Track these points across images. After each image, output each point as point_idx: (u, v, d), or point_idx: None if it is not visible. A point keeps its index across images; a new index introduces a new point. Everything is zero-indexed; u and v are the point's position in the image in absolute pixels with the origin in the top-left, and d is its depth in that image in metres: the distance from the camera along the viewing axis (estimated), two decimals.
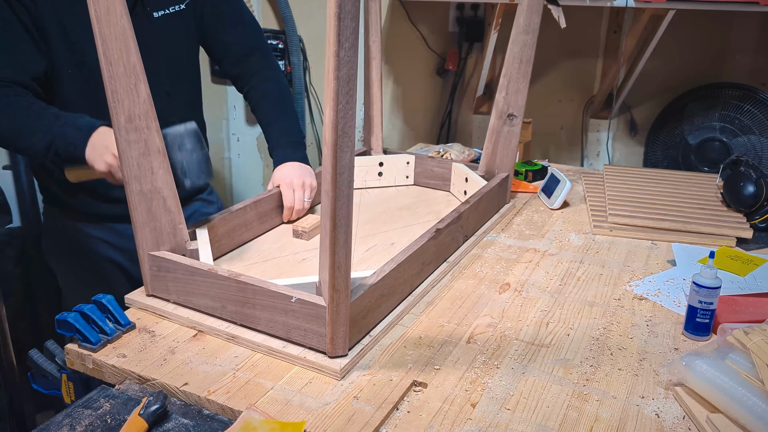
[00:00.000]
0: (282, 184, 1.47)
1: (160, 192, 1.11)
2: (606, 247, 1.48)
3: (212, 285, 1.09)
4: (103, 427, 0.91)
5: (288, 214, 1.48)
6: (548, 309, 1.20)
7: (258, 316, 1.06)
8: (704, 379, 0.92)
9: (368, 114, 1.79)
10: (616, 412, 0.93)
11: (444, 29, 2.73)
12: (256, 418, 0.88)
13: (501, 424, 0.90)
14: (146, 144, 1.08)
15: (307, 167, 1.53)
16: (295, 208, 1.48)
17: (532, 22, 1.52)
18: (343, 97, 0.85)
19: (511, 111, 1.60)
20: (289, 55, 2.95)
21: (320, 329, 1.00)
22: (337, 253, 0.93)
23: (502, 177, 1.62)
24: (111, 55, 1.01)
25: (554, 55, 2.62)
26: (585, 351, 1.08)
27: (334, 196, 0.90)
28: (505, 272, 1.34)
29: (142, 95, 1.05)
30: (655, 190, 1.73)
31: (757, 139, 2.31)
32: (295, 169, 1.50)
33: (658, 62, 2.46)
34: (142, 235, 1.12)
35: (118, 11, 1.00)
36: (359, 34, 0.86)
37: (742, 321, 1.12)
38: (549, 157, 2.76)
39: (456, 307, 1.21)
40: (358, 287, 1.05)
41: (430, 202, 1.69)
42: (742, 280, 1.28)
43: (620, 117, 2.64)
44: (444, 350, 1.07)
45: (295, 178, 1.48)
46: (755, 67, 2.40)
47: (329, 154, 0.89)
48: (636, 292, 1.27)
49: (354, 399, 0.94)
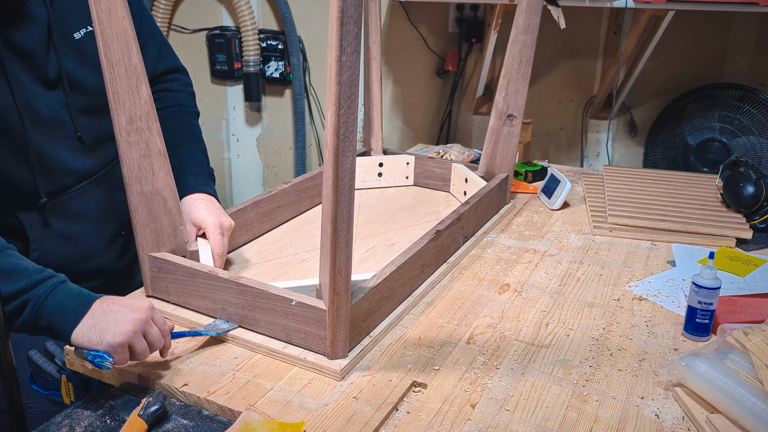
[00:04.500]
0: (209, 228, 1.23)
1: (161, 193, 1.11)
2: (606, 248, 1.48)
3: (212, 287, 1.09)
4: (102, 427, 0.91)
5: (221, 262, 1.22)
6: (548, 309, 1.21)
7: (258, 319, 1.06)
8: (704, 380, 0.92)
9: (368, 114, 1.79)
10: (616, 413, 0.93)
11: (444, 30, 2.74)
12: (256, 418, 0.88)
13: (501, 425, 0.90)
14: (147, 145, 1.08)
15: (220, 206, 1.30)
16: (224, 255, 1.25)
17: (532, 23, 1.52)
18: (345, 101, 0.85)
19: (511, 111, 1.60)
20: (289, 56, 2.96)
21: (320, 332, 1.00)
22: (338, 257, 0.93)
23: (502, 177, 1.62)
24: (113, 57, 1.02)
25: (554, 55, 2.62)
26: (585, 351, 1.08)
27: (335, 200, 0.90)
28: (504, 273, 1.34)
29: (143, 96, 1.05)
30: (655, 190, 1.73)
31: (756, 140, 2.32)
32: (215, 209, 1.27)
33: (657, 63, 2.46)
34: (143, 237, 1.13)
35: (120, 13, 1.00)
36: (360, 39, 0.87)
37: (741, 321, 1.13)
38: (549, 158, 2.76)
39: (456, 307, 1.21)
40: (358, 290, 1.05)
41: (430, 203, 1.70)
42: (741, 280, 1.28)
43: (620, 117, 2.65)
44: (444, 351, 1.07)
45: (223, 221, 1.25)
46: (755, 68, 2.40)
47: (331, 158, 0.89)
48: (636, 293, 1.27)
49: (353, 399, 0.95)
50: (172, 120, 1.37)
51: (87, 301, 0.95)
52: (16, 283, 0.93)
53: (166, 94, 1.40)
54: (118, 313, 0.94)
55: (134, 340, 0.93)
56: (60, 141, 1.20)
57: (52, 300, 0.94)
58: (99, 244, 1.32)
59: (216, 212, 1.25)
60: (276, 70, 3.00)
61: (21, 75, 1.13)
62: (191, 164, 1.32)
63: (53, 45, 1.16)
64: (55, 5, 1.15)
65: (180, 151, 1.32)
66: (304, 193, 1.58)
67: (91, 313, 0.94)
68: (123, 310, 0.94)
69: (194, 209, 1.25)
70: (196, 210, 1.25)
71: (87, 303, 0.95)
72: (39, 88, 1.15)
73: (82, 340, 0.92)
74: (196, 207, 1.25)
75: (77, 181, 1.25)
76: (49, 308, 0.93)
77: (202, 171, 1.33)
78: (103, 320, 0.93)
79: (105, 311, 0.94)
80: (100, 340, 0.91)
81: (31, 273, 0.95)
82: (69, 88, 1.19)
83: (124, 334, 0.92)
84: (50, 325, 0.93)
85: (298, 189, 1.56)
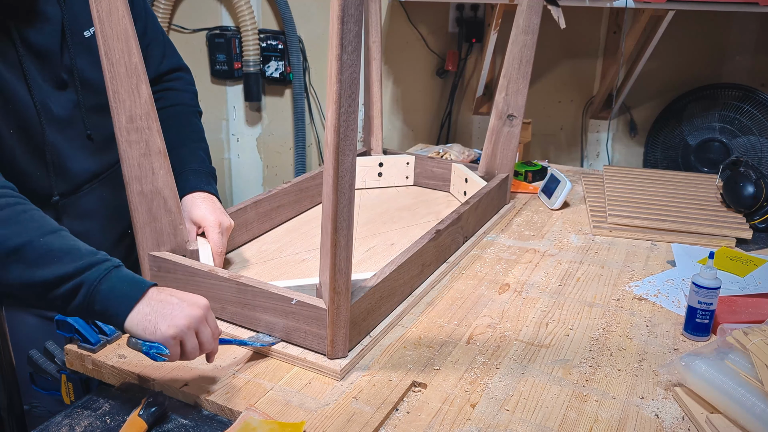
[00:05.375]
0: (208, 227, 1.23)
1: (161, 192, 1.11)
2: (606, 248, 1.48)
3: (212, 286, 1.09)
4: (102, 427, 0.91)
5: (220, 261, 1.22)
6: (548, 309, 1.21)
7: (258, 318, 1.06)
8: (704, 380, 0.92)
9: (368, 114, 1.79)
10: (616, 413, 0.93)
11: (444, 30, 2.74)
12: (256, 418, 0.88)
13: (500, 425, 0.90)
14: (147, 144, 1.08)
15: (220, 205, 1.30)
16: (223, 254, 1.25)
17: (532, 23, 1.52)
18: (345, 100, 0.85)
19: (511, 111, 1.60)
20: (289, 56, 2.96)
21: (320, 331, 1.00)
22: (338, 256, 0.93)
23: (502, 177, 1.62)
24: (113, 56, 1.02)
25: (554, 55, 2.63)
26: (584, 351, 1.08)
27: (336, 199, 0.90)
28: (504, 273, 1.34)
29: (144, 96, 1.05)
30: (655, 190, 1.73)
31: (756, 140, 2.32)
32: (215, 208, 1.27)
33: (657, 63, 2.46)
34: (143, 236, 1.13)
35: (120, 12, 1.00)
36: (361, 37, 0.86)
37: (741, 321, 1.13)
38: (549, 158, 2.76)
39: (456, 307, 1.21)
40: (358, 289, 1.05)
41: (430, 203, 1.69)
42: (741, 280, 1.28)
43: (620, 117, 2.65)
44: (443, 351, 1.07)
45: (223, 220, 1.25)
46: (755, 68, 2.40)
47: (331, 157, 0.89)
48: (635, 293, 1.27)
49: (353, 399, 0.95)
50: (174, 119, 1.37)
51: (141, 287, 0.91)
52: (69, 264, 0.89)
53: (169, 93, 1.41)
54: (175, 305, 0.90)
55: (187, 336, 0.89)
56: (71, 140, 1.21)
57: (106, 284, 0.90)
58: (106, 243, 1.32)
59: (216, 211, 1.25)
60: (276, 70, 3.00)
61: (36, 74, 1.13)
62: (193, 163, 1.32)
63: (66, 44, 1.17)
64: (67, 4, 1.16)
65: (182, 150, 1.32)
66: (304, 192, 1.58)
67: (146, 300, 0.90)
68: (180, 303, 0.91)
69: (194, 208, 1.25)
70: (196, 209, 1.25)
71: (141, 289, 0.91)
72: (52, 86, 1.16)
73: (136, 328, 0.88)
74: (196, 206, 1.25)
75: (87, 180, 1.26)
76: (102, 292, 0.89)
77: (203, 170, 1.32)
78: (160, 309, 0.89)
79: (162, 301, 0.90)
80: (154, 330, 0.88)
81: (84, 254, 0.91)
82: (80, 86, 1.20)
83: (178, 327, 0.88)
84: (104, 310, 0.90)
85: (298, 189, 1.56)
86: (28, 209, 0.94)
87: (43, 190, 1.19)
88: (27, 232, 0.90)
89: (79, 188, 1.25)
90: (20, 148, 1.14)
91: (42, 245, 0.89)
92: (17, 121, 1.12)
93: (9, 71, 1.09)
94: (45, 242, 0.90)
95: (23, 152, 1.15)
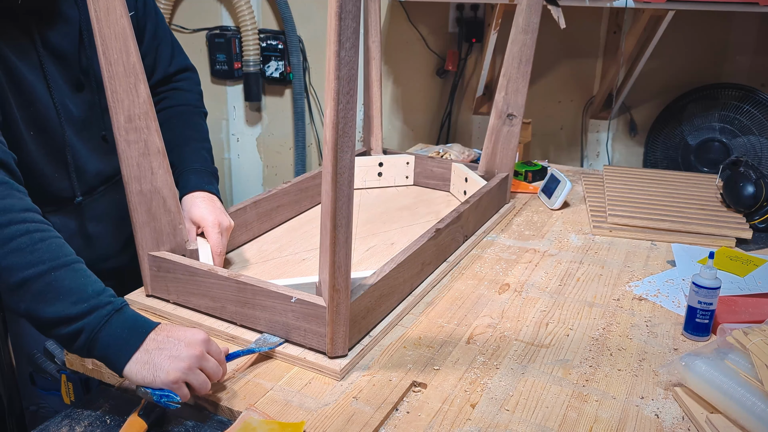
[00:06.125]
0: (207, 227, 1.22)
1: (160, 192, 1.11)
2: (605, 248, 1.48)
3: (212, 285, 1.09)
4: (102, 427, 0.91)
5: (220, 261, 1.22)
6: (548, 309, 1.21)
7: (258, 317, 1.06)
8: (704, 380, 0.92)
9: (368, 114, 1.79)
10: (616, 413, 0.93)
11: (444, 29, 2.73)
12: (256, 418, 0.88)
13: (500, 425, 0.90)
14: (146, 144, 1.08)
15: (221, 205, 1.30)
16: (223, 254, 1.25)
17: (532, 22, 1.52)
18: (343, 97, 0.85)
19: (511, 111, 1.60)
20: (289, 56, 2.96)
21: (320, 329, 1.00)
22: (337, 253, 0.93)
23: (502, 177, 1.62)
24: (111, 55, 1.01)
25: (554, 55, 2.62)
26: (584, 351, 1.08)
27: (334, 196, 0.90)
28: (504, 273, 1.34)
29: (142, 95, 1.05)
30: (655, 190, 1.73)
31: (756, 140, 2.32)
32: (215, 208, 1.26)
33: (657, 63, 2.46)
34: (142, 236, 1.13)
35: (118, 11, 1.00)
36: (359, 34, 0.86)
37: (741, 321, 1.12)
38: (549, 158, 2.76)
39: (455, 307, 1.21)
40: (358, 287, 1.05)
41: (430, 202, 1.69)
42: (741, 280, 1.28)
43: (620, 117, 2.64)
44: (443, 351, 1.07)
45: (222, 220, 1.25)
46: (755, 68, 2.40)
47: (329, 154, 0.89)
48: (635, 293, 1.27)
49: (353, 399, 0.94)
50: (178, 119, 1.37)
51: (140, 333, 0.90)
52: (72, 307, 0.89)
53: (175, 93, 1.42)
54: (173, 348, 0.89)
55: (190, 377, 0.89)
56: (87, 141, 1.22)
57: (106, 331, 0.89)
58: (117, 245, 1.34)
59: (216, 211, 1.25)
60: (276, 69, 3.00)
61: (56, 75, 1.15)
62: (194, 162, 1.32)
63: (83, 45, 1.18)
64: (85, 5, 1.17)
65: (184, 150, 1.32)
66: (304, 192, 1.58)
67: (144, 348, 0.89)
68: (178, 345, 0.90)
69: (194, 207, 1.25)
70: (196, 208, 1.24)
71: (141, 336, 0.90)
72: (70, 87, 1.17)
73: (136, 377, 0.88)
74: (196, 205, 1.25)
75: (103, 182, 1.28)
76: (101, 340, 0.89)
77: (205, 169, 1.32)
78: (157, 356, 0.88)
79: (159, 347, 0.89)
80: (153, 378, 0.87)
81: (89, 296, 0.91)
82: (96, 87, 1.21)
83: (178, 371, 0.87)
84: (104, 356, 0.90)
85: (297, 189, 1.56)
86: (47, 237, 0.92)
87: (65, 192, 1.21)
88: (39, 264, 0.89)
89: (94, 190, 1.27)
90: (42, 150, 1.15)
91: (50, 281, 0.89)
92: (39, 122, 1.13)
93: (31, 73, 1.10)
94: (54, 278, 0.90)
95: (44, 154, 1.16)
